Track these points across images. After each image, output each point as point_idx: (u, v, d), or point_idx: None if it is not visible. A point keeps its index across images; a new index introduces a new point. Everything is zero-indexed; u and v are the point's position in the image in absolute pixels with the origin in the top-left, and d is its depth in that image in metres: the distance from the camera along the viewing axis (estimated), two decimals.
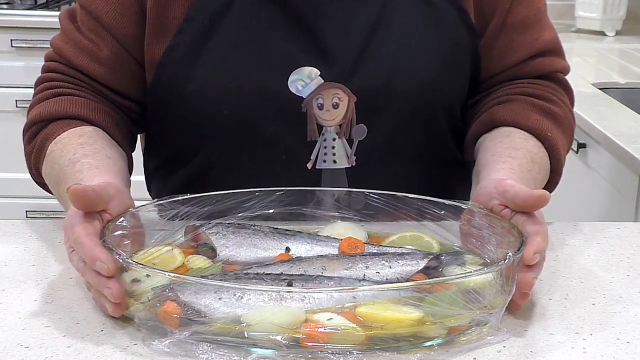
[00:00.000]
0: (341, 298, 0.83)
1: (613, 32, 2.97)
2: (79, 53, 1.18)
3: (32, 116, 1.17)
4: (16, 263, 1.03)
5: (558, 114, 1.19)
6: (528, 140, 1.15)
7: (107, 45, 1.17)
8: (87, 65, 1.17)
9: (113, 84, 1.19)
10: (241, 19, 1.14)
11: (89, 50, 1.17)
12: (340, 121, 1.15)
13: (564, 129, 1.20)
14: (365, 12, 1.15)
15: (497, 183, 1.00)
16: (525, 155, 1.12)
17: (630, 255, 1.08)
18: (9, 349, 0.83)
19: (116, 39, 1.16)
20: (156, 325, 0.83)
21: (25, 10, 3.02)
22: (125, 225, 0.95)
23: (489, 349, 0.84)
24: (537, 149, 1.15)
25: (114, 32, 1.16)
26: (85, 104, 1.16)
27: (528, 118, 1.17)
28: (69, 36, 1.19)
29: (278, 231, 1.01)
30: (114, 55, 1.17)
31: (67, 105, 1.16)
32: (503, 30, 1.21)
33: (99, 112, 1.17)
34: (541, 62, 1.23)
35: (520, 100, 1.20)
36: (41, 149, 1.14)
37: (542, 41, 1.23)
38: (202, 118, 1.15)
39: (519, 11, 1.21)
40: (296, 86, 1.13)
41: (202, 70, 1.14)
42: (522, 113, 1.18)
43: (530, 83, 1.23)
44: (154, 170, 1.29)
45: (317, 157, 1.16)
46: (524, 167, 1.09)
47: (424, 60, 1.16)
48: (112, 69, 1.18)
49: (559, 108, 1.21)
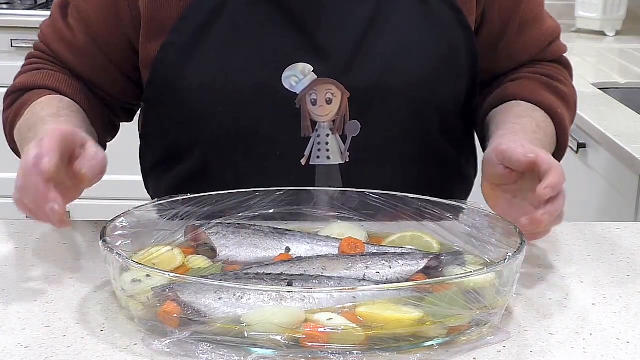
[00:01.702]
0: (341, 298, 0.83)
1: (613, 32, 2.97)
2: (57, 40, 1.22)
3: (13, 85, 1.22)
4: (16, 263, 1.03)
5: (565, 93, 1.25)
6: (536, 111, 1.20)
7: (82, 38, 1.20)
8: (62, 52, 1.22)
9: (86, 74, 1.22)
10: (235, 16, 1.14)
11: (66, 39, 1.21)
12: (333, 117, 1.15)
13: (570, 107, 1.26)
14: (359, 9, 1.15)
15: (494, 151, 1.04)
16: (531, 122, 1.16)
17: (630, 255, 1.08)
18: (9, 349, 0.83)
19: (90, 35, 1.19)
20: (156, 325, 0.83)
21: (25, 10, 3.02)
22: (125, 225, 0.95)
23: (489, 349, 0.84)
24: (543, 119, 1.19)
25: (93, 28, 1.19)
26: (65, 80, 1.21)
27: (539, 94, 1.22)
28: (53, 22, 1.23)
29: (278, 231, 1.01)
30: (85, 48, 1.20)
31: (48, 78, 1.20)
32: (520, 28, 1.25)
33: (77, 90, 1.21)
34: (551, 50, 1.29)
35: (532, 78, 1.25)
36: (18, 112, 1.17)
37: (551, 30, 1.28)
38: (197, 115, 1.16)
39: (530, 8, 1.25)
40: (290, 82, 1.14)
41: (197, 67, 1.14)
42: (533, 89, 1.23)
43: (542, 65, 1.28)
44: (151, 168, 1.29)
45: (310, 153, 1.16)
46: (527, 130, 1.13)
47: (417, 58, 1.16)
48: (83, 59, 1.21)
49: (566, 87, 1.26)
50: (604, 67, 2.55)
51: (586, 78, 2.31)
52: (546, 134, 1.18)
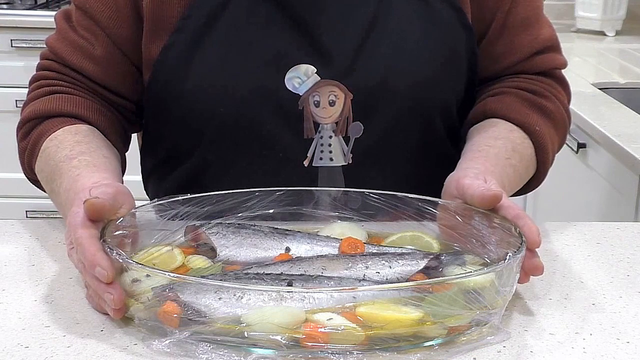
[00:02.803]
0: (341, 298, 0.83)
1: (613, 32, 2.97)
2: (73, 52, 1.18)
3: (27, 113, 1.18)
4: (16, 263, 1.03)
5: (549, 109, 1.21)
6: (513, 131, 1.18)
7: (102, 44, 1.17)
8: (81, 63, 1.18)
9: (107, 82, 1.19)
10: (238, 17, 1.14)
11: (83, 48, 1.18)
12: (336, 119, 1.15)
13: (555, 123, 1.22)
14: (362, 10, 1.15)
15: (456, 183, 1.02)
16: (506, 145, 1.14)
17: (630, 255, 1.08)
18: (9, 349, 0.83)
19: (110, 38, 1.17)
20: (156, 325, 0.83)
21: (25, 10, 3.02)
22: (125, 225, 0.95)
23: (489, 349, 0.84)
24: (520, 140, 1.17)
25: (108, 31, 1.16)
26: (80, 103, 1.17)
27: (517, 111, 1.19)
28: (63, 35, 1.19)
29: (278, 231, 1.01)
30: (108, 54, 1.17)
31: (62, 103, 1.16)
32: (504, 31, 1.22)
33: (94, 111, 1.17)
34: (541, 59, 1.25)
35: (513, 93, 1.22)
36: (35, 145, 1.14)
37: (542, 39, 1.24)
38: (198, 116, 1.16)
39: (519, 11, 1.22)
40: (293, 84, 1.13)
41: (198, 68, 1.14)
42: (512, 106, 1.20)
43: (526, 78, 1.25)
44: (151, 169, 1.29)
45: (313, 155, 1.16)
46: (500, 156, 1.11)
47: (420, 60, 1.16)
48: (106, 67, 1.18)
49: (551, 103, 1.22)
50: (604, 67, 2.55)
51: (586, 78, 2.31)
52: (522, 156, 1.15)
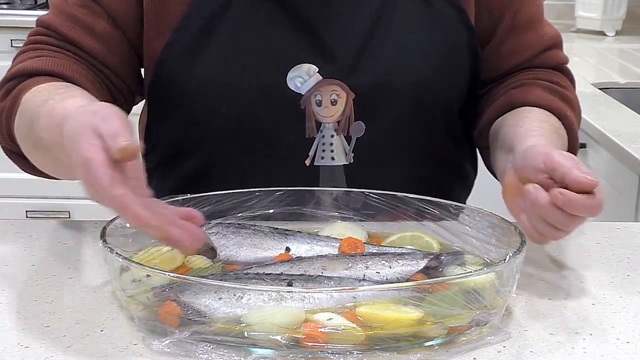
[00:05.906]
0: (341, 298, 0.83)
1: (613, 32, 2.97)
2: (73, 26, 1.14)
3: (9, 73, 1.11)
4: (16, 263, 1.03)
5: (571, 98, 1.23)
6: (549, 116, 1.17)
7: (102, 22, 1.14)
8: (82, 39, 1.14)
9: (107, 60, 1.16)
10: (240, 16, 1.14)
11: (84, 23, 1.14)
12: (338, 118, 1.15)
13: (576, 113, 1.23)
14: (364, 10, 1.15)
15: (545, 157, 0.94)
16: (551, 128, 1.14)
17: (630, 255, 1.08)
18: (9, 349, 0.83)
19: (111, 16, 1.14)
20: (156, 325, 0.83)
21: (25, 10, 3.02)
22: (125, 225, 0.95)
23: (489, 349, 0.84)
24: (558, 124, 1.17)
25: (107, 9, 1.14)
26: (74, 68, 1.12)
27: (546, 99, 1.20)
28: (60, 10, 1.16)
29: (278, 231, 1.01)
30: (108, 32, 1.15)
31: (52, 64, 1.11)
32: (512, 31, 1.23)
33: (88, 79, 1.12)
34: (548, 56, 1.26)
35: (536, 84, 1.22)
36: (14, 102, 1.07)
37: (549, 37, 1.26)
38: (201, 115, 1.16)
39: (525, 11, 1.24)
40: (295, 83, 1.13)
41: (201, 67, 1.14)
42: (540, 94, 1.20)
43: (541, 71, 1.25)
44: (154, 168, 1.29)
45: (315, 154, 1.16)
46: (553, 138, 1.11)
47: (422, 60, 1.16)
48: (106, 45, 1.15)
49: (570, 93, 1.24)
50: (604, 67, 2.55)
51: (586, 78, 2.31)
52: (563, 141, 1.16)
